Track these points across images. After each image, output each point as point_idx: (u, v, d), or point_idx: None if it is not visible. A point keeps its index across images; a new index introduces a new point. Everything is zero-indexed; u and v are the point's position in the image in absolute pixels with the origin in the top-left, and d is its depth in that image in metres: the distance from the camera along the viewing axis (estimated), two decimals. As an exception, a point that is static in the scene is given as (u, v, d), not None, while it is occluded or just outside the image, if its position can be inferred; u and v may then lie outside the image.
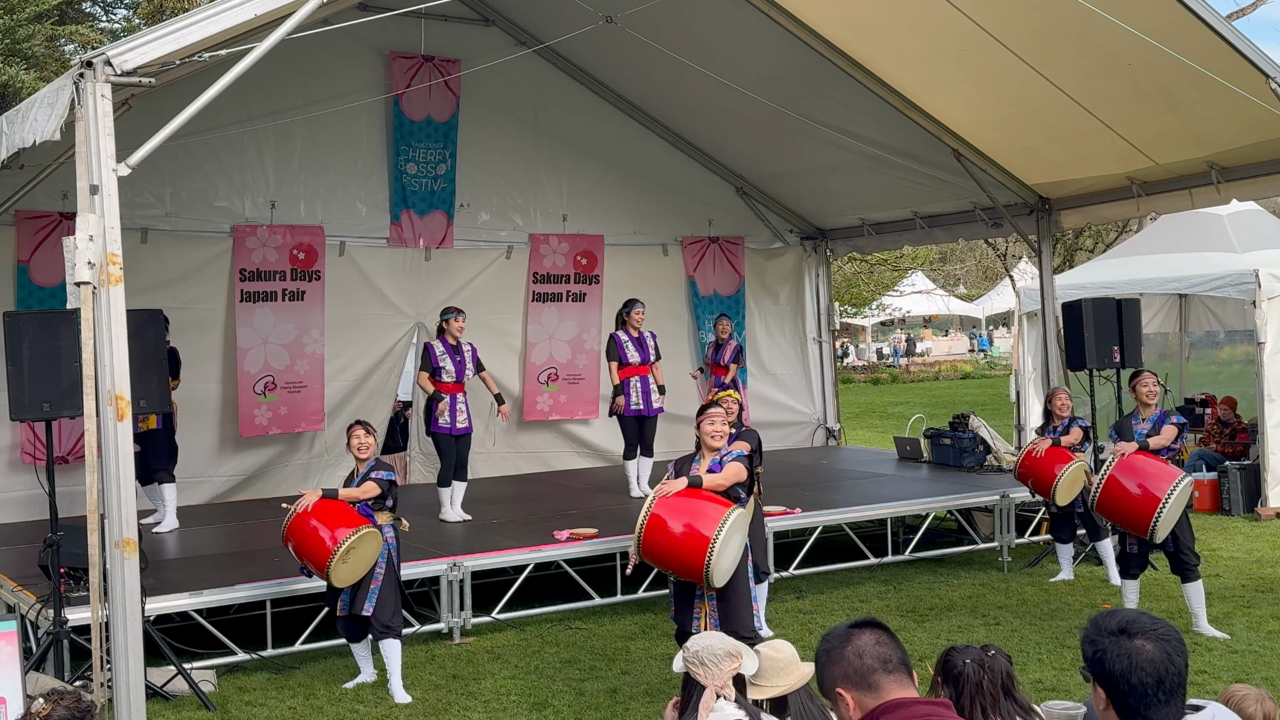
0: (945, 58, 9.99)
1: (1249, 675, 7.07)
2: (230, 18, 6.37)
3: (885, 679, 2.76)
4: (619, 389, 11.22)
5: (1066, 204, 11.86)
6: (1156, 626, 2.66)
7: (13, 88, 18.84)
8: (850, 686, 2.78)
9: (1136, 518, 7.94)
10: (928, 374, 37.76)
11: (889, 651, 2.80)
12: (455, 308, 10.62)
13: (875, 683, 2.76)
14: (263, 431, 11.67)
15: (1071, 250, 27.31)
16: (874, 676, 2.76)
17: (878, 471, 12.45)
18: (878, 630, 2.86)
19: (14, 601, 7.69)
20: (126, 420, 6.13)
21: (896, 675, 2.78)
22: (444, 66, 12.22)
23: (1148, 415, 8.48)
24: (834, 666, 2.83)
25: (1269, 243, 13.79)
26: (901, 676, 2.78)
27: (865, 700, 2.76)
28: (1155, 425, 8.38)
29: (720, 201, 14.24)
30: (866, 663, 2.78)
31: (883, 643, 2.82)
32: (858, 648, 2.81)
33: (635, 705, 6.96)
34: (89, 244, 6.04)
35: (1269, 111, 8.70)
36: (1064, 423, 9.76)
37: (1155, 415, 8.48)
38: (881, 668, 2.77)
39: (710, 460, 6.92)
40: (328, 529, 7.10)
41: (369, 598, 7.24)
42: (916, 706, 2.73)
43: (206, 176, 11.44)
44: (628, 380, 11.26)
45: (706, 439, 6.92)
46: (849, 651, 2.81)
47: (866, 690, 2.77)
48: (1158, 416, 8.47)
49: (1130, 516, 7.99)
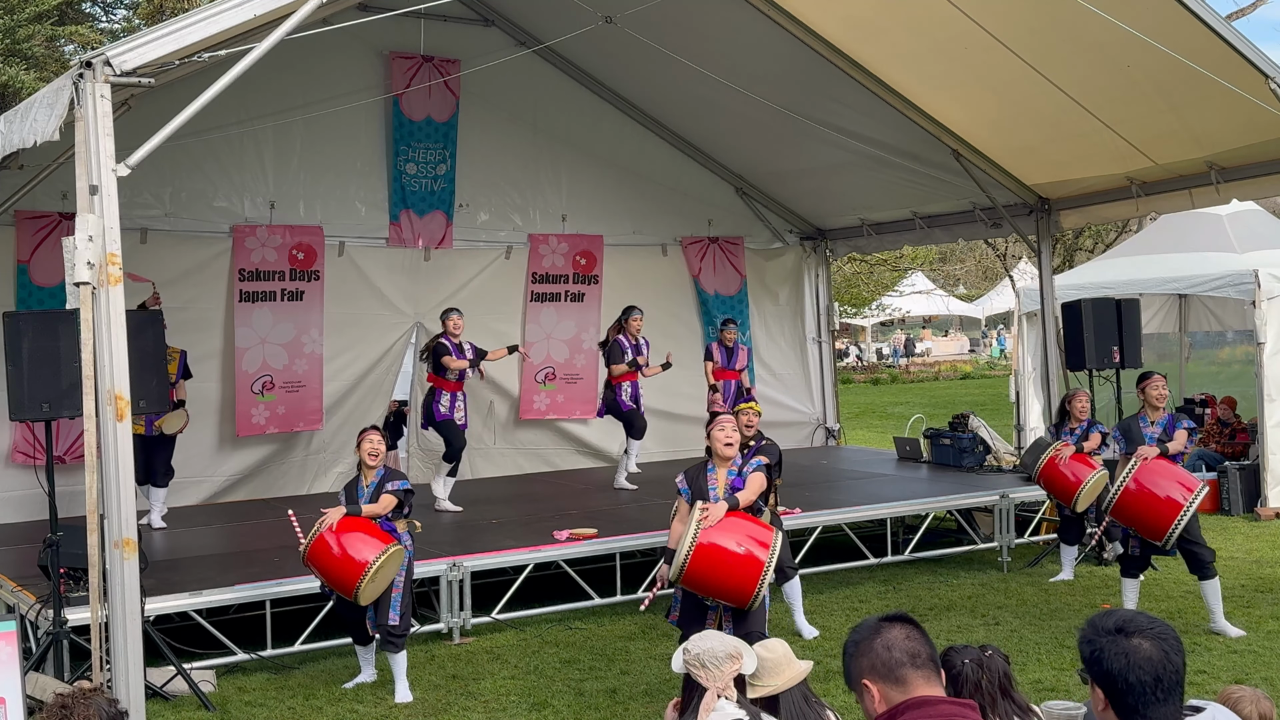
0: (945, 57, 9.99)
1: (1248, 675, 7.07)
2: (230, 18, 6.38)
3: (913, 674, 2.74)
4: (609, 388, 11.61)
5: (1066, 204, 11.87)
6: (1154, 625, 2.66)
7: (13, 88, 18.86)
8: (877, 679, 2.76)
9: (1155, 524, 7.91)
10: (927, 374, 37.76)
11: (918, 647, 2.78)
12: (452, 307, 10.92)
13: (902, 677, 2.74)
14: (260, 430, 11.67)
15: (1071, 250, 27.32)
16: (901, 671, 2.74)
17: (877, 471, 12.45)
18: (908, 625, 2.83)
19: (14, 602, 7.69)
20: (126, 420, 6.13)
21: (924, 671, 2.75)
22: (443, 67, 12.23)
23: (1156, 418, 8.42)
24: (862, 658, 2.80)
25: (1268, 243, 13.79)
26: (929, 673, 2.76)
27: (891, 694, 2.74)
28: (1165, 428, 8.33)
29: (720, 201, 14.24)
30: (895, 656, 2.76)
31: (912, 638, 2.79)
32: (887, 641, 2.78)
33: (635, 705, 6.96)
34: (88, 244, 6.04)
35: (1268, 111, 8.70)
36: (1082, 426, 9.63)
37: (1164, 418, 8.42)
38: (910, 662, 2.75)
39: (725, 470, 6.71)
40: (355, 550, 6.98)
41: (392, 608, 7.19)
42: (942, 705, 2.71)
43: (206, 177, 11.45)
44: (619, 385, 11.57)
45: (719, 447, 6.71)
46: (878, 644, 2.78)
47: (893, 684, 2.74)
48: (1167, 420, 8.41)
49: (1149, 522, 7.95)
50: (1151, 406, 8.47)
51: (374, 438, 7.35)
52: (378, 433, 7.44)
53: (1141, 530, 8.10)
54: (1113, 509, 8.10)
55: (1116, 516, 8.20)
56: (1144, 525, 8.03)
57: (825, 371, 15.16)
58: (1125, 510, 8.05)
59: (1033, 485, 10.97)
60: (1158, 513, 7.89)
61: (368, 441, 7.32)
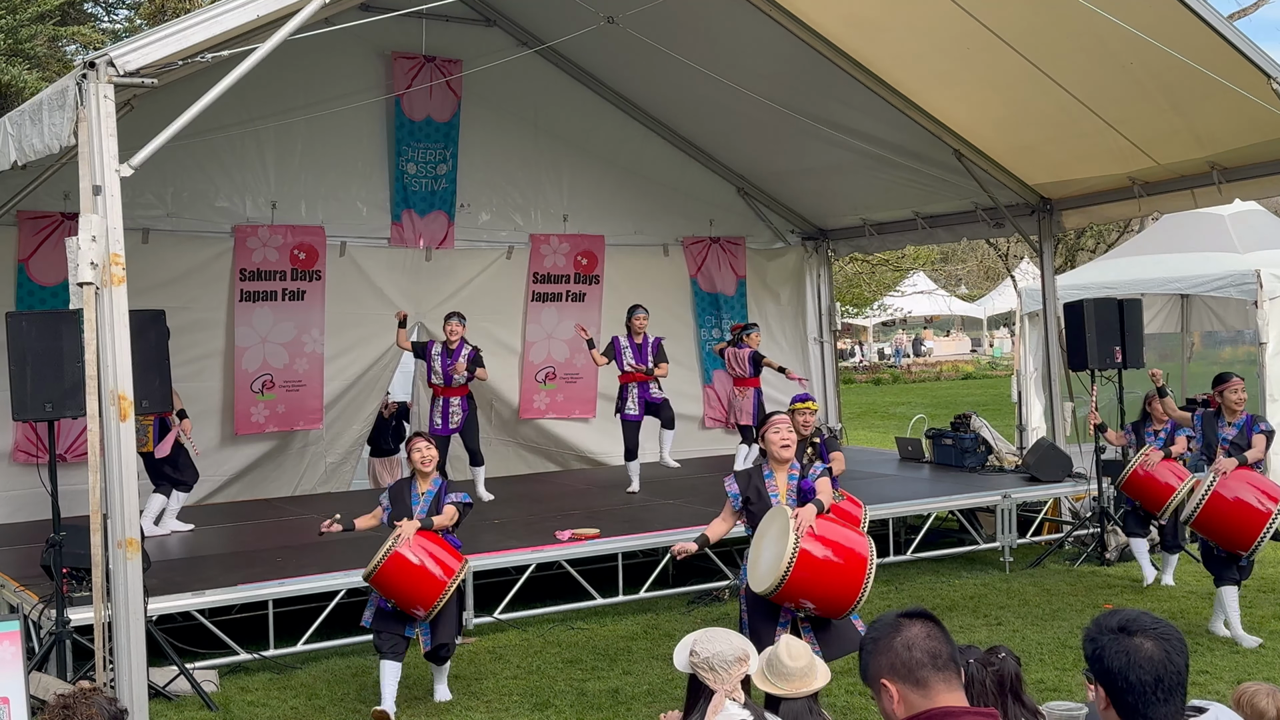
0: (947, 57, 9.99)
1: (1250, 675, 7.06)
2: (232, 19, 6.39)
3: (934, 675, 2.64)
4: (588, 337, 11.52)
5: (1068, 204, 11.87)
6: (1157, 626, 2.65)
7: (15, 88, 18.87)
8: (896, 679, 2.66)
9: (1240, 535, 7.81)
10: (929, 374, 37.75)
11: (939, 646, 2.67)
12: (455, 312, 10.96)
13: (923, 679, 2.64)
14: (259, 429, 11.68)
15: (1073, 250, 27.28)
16: (922, 672, 2.64)
17: (879, 471, 12.44)
18: (929, 623, 2.72)
19: (17, 602, 7.69)
20: (129, 420, 6.14)
21: (945, 673, 2.65)
22: (445, 67, 12.23)
23: (1234, 420, 8.35)
24: (880, 656, 2.70)
25: (1270, 243, 13.78)
26: (950, 675, 2.66)
27: (911, 696, 2.64)
28: (1242, 431, 8.27)
29: (721, 201, 14.24)
30: (916, 656, 2.65)
31: (933, 636, 2.69)
32: (907, 639, 2.68)
33: (637, 705, 6.96)
34: (91, 244, 6.05)
35: (1270, 111, 8.70)
36: (1166, 428, 9.48)
37: (1242, 419, 8.31)
38: (931, 663, 2.65)
39: (784, 474, 6.43)
40: (434, 567, 6.74)
41: (453, 624, 7.10)
42: (965, 718, 2.63)
43: (208, 177, 11.45)
44: (626, 386, 11.43)
45: (774, 449, 6.44)
46: (898, 643, 2.68)
47: (914, 686, 2.64)
48: (1244, 421, 8.30)
49: (1233, 534, 7.85)
50: (1230, 410, 8.38)
51: (422, 445, 7.10)
52: (425, 440, 7.19)
53: (1223, 542, 7.96)
54: (1194, 522, 7.95)
55: (1197, 528, 8.07)
56: (1227, 537, 7.90)
57: (827, 371, 15.16)
58: (1207, 523, 7.92)
59: (1035, 485, 11.01)
60: (1245, 524, 7.77)
61: (419, 450, 7.07)
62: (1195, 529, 8.14)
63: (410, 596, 6.75)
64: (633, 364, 11.41)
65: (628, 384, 11.44)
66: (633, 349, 11.43)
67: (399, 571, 6.71)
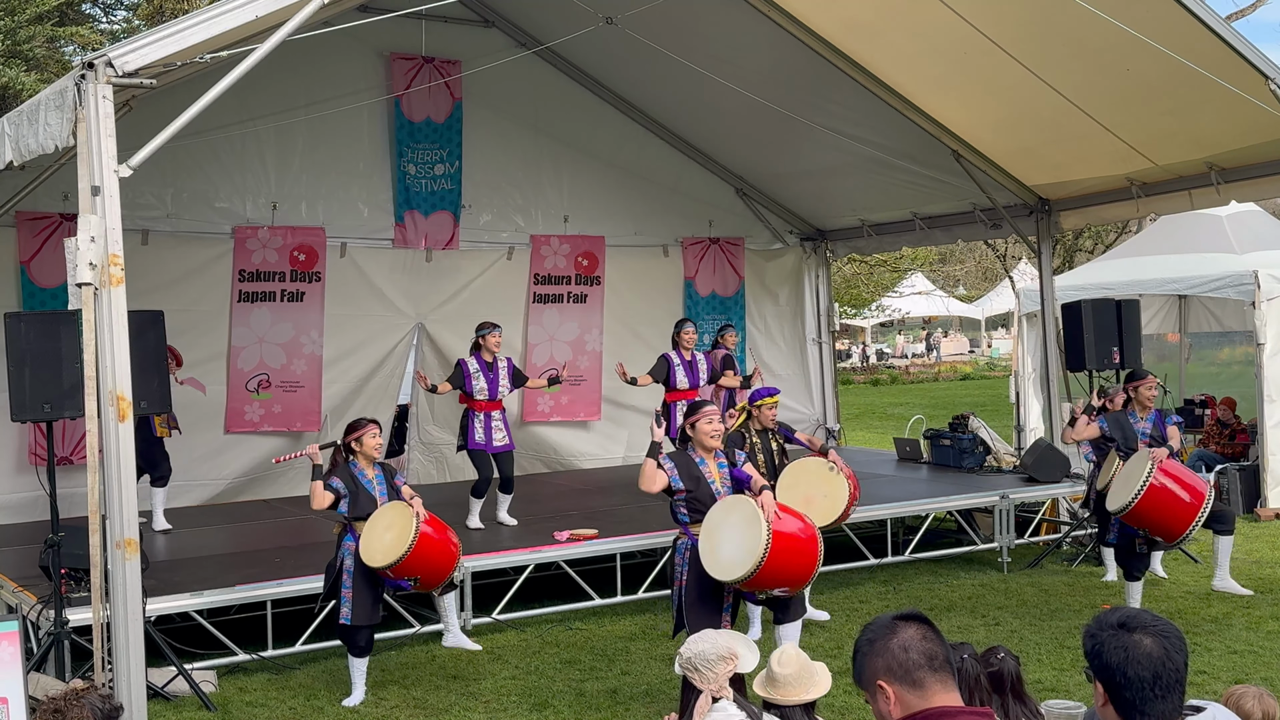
0: (944, 59, 10.00)
1: (1248, 675, 7.08)
2: (231, 19, 6.39)
3: (930, 677, 2.68)
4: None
5: (1066, 205, 11.87)
6: (1157, 623, 2.67)
7: (13, 89, 18.87)
8: (893, 680, 2.70)
9: (1172, 525, 7.84)
10: (927, 375, 37.77)
11: (934, 648, 2.72)
12: (491, 323, 10.08)
13: (920, 680, 2.68)
14: (252, 428, 11.66)
15: (1071, 251, 27.32)
16: (919, 673, 2.68)
17: (878, 472, 12.44)
18: (923, 625, 2.77)
19: (15, 602, 7.70)
20: (128, 421, 6.14)
21: (941, 675, 2.70)
22: (444, 68, 12.24)
23: (1145, 415, 8.50)
24: (876, 658, 2.73)
25: (1268, 244, 13.81)
26: (945, 676, 2.70)
27: (908, 697, 2.68)
28: (1155, 424, 8.39)
29: (720, 202, 14.25)
30: (912, 658, 2.69)
31: (928, 638, 2.73)
32: (903, 641, 2.72)
33: (635, 706, 6.97)
34: (90, 245, 6.05)
35: (1268, 113, 8.71)
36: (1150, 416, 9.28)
37: (1153, 414, 8.50)
38: (927, 664, 2.69)
39: (714, 462, 6.83)
40: (443, 535, 7.13)
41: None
42: (961, 717, 2.66)
43: (207, 177, 11.45)
44: (673, 404, 10.73)
45: (705, 439, 6.79)
46: (894, 644, 2.72)
47: (910, 687, 2.68)
48: (1155, 416, 8.49)
49: (1166, 524, 7.87)
50: (1142, 406, 8.59)
51: (375, 430, 7.31)
52: (376, 425, 7.36)
53: (1157, 531, 7.97)
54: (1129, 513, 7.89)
55: (1129, 520, 8.01)
56: (1162, 527, 7.91)
57: (825, 372, 15.17)
58: (1142, 514, 7.89)
59: (1033, 486, 11.01)
60: (1178, 515, 7.79)
61: (373, 435, 7.26)
62: (1127, 520, 8.02)
63: (435, 570, 7.07)
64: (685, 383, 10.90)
65: (674, 403, 10.73)
66: (684, 366, 10.98)
67: (428, 547, 6.99)
